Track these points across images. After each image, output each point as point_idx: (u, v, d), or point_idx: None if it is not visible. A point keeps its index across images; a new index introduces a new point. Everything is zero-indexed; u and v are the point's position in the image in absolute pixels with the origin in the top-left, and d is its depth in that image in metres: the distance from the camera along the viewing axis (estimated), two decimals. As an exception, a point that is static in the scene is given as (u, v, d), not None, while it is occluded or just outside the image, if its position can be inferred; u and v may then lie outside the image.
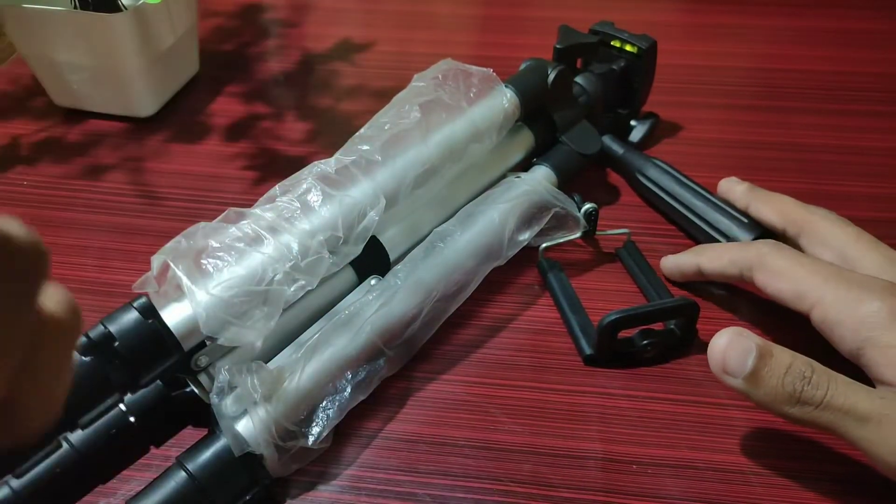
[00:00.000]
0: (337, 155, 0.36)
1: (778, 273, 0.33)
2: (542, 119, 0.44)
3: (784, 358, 0.28)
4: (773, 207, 0.39)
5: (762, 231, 0.39)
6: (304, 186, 0.34)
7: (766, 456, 0.32)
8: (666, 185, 0.44)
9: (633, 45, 0.48)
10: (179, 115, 0.56)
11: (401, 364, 0.35)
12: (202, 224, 0.32)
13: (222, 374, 0.30)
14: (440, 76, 0.41)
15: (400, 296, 0.34)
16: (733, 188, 0.41)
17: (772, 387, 0.28)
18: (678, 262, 0.40)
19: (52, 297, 0.17)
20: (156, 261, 0.30)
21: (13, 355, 0.15)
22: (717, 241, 0.40)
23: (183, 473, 0.28)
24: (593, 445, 0.33)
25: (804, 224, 0.37)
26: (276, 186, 0.35)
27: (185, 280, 0.29)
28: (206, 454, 0.28)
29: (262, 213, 0.33)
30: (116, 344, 0.27)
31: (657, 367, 0.36)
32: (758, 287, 0.35)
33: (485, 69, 0.42)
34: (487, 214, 0.38)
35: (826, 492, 0.31)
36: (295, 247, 0.32)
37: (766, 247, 0.35)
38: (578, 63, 0.49)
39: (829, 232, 0.36)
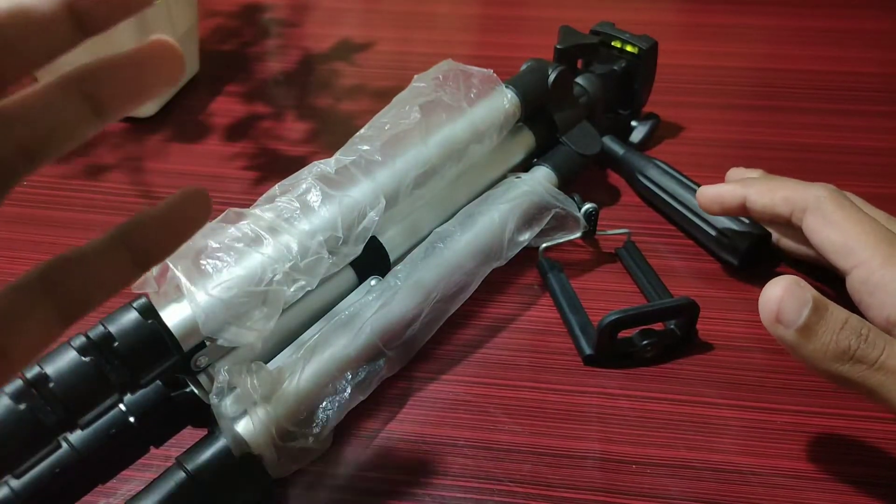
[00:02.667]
0: (337, 155, 0.36)
1: (832, 222, 0.32)
2: (543, 119, 0.44)
3: (840, 314, 0.27)
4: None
5: (764, 233, 0.39)
6: (304, 186, 0.34)
7: (764, 456, 0.32)
8: (666, 186, 0.44)
9: (633, 45, 0.48)
10: (179, 115, 0.56)
11: (401, 365, 0.35)
12: (201, 224, 0.32)
13: (222, 375, 0.30)
14: (440, 77, 0.40)
15: (400, 296, 0.34)
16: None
17: (825, 342, 0.27)
18: (720, 191, 0.37)
19: None
20: (155, 261, 0.30)
21: None
22: (717, 240, 0.40)
23: (182, 474, 0.28)
24: (592, 445, 0.33)
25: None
26: (276, 186, 0.35)
27: (184, 281, 0.29)
28: (206, 455, 0.28)
29: (261, 213, 0.33)
30: (116, 344, 0.27)
31: (657, 368, 0.36)
32: (805, 231, 0.33)
33: (485, 70, 0.42)
34: (488, 215, 0.38)
35: (825, 491, 0.31)
36: (294, 247, 0.32)
37: (825, 191, 0.33)
38: (579, 64, 0.49)
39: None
